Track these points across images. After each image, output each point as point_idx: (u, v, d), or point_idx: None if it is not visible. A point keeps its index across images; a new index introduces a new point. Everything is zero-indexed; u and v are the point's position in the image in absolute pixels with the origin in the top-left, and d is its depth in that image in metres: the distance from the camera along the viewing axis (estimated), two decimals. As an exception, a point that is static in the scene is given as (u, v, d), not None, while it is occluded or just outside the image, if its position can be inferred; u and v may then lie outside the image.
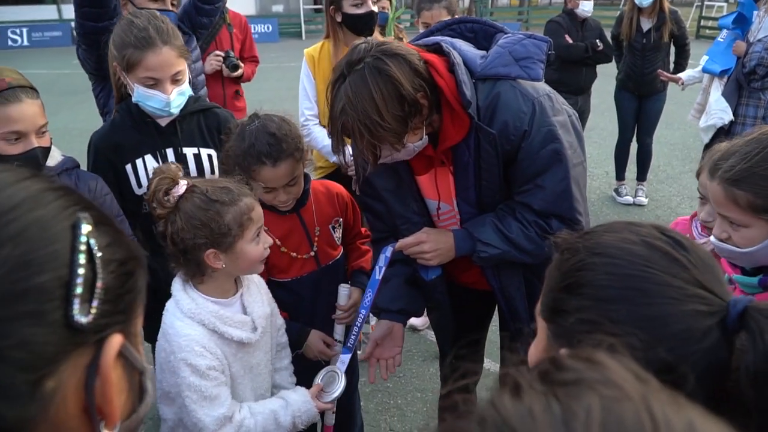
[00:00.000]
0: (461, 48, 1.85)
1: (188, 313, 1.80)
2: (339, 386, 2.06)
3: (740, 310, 0.81)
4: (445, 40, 1.86)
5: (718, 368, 0.82)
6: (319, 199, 2.30)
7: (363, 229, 2.51)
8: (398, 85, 1.64)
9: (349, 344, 2.15)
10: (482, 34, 1.97)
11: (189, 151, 2.37)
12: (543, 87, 1.86)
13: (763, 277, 1.52)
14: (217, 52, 4.36)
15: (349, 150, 3.14)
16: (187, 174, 2.10)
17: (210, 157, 2.42)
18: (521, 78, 1.80)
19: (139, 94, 2.19)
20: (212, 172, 2.42)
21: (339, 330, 2.32)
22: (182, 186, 1.79)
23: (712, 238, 1.55)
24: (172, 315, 1.83)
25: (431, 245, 1.97)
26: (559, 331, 0.91)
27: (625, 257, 0.86)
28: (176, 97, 2.22)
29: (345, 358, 2.12)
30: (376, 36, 3.36)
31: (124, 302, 0.64)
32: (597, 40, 5.67)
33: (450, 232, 2.01)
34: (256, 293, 1.99)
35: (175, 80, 2.21)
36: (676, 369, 0.78)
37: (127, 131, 2.31)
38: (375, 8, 3.19)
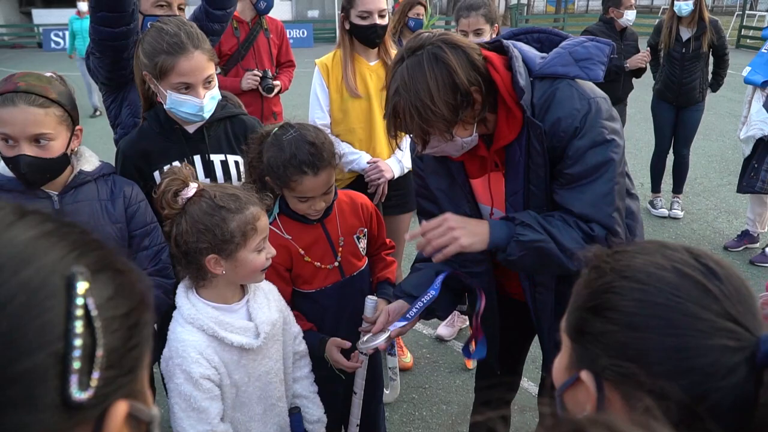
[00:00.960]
0: (522, 48, 1.87)
1: (188, 319, 1.80)
2: (379, 340, 2.00)
3: None
4: (508, 42, 1.88)
5: (746, 403, 0.78)
6: (343, 209, 2.28)
7: (388, 240, 2.48)
8: (453, 74, 1.67)
9: (408, 315, 2.00)
10: (548, 43, 1.98)
11: (216, 158, 2.37)
12: (601, 92, 1.85)
13: None
14: (255, 72, 4.40)
15: (362, 161, 3.14)
16: (196, 177, 2.10)
17: (237, 163, 2.41)
18: (580, 78, 1.80)
19: (172, 100, 2.18)
20: (239, 178, 2.41)
21: (359, 383, 2.27)
22: (192, 189, 1.79)
23: None
24: (175, 321, 1.84)
25: (456, 221, 1.82)
26: (582, 352, 0.90)
27: (655, 284, 0.84)
28: (209, 101, 2.23)
29: (397, 324, 2.01)
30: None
31: (130, 360, 0.59)
32: (626, 63, 5.54)
33: (484, 221, 1.89)
34: (263, 299, 1.97)
35: (207, 84, 2.22)
36: (700, 403, 0.77)
37: (155, 138, 2.31)
38: (381, 21, 3.17)
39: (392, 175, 3.22)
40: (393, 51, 3.33)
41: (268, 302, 1.98)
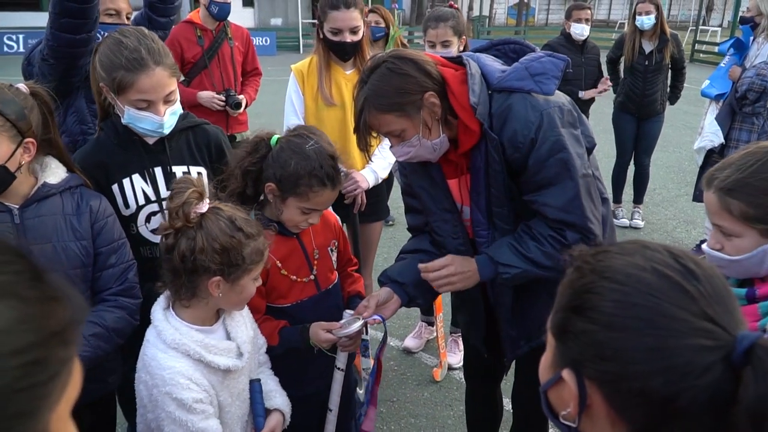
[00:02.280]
0: (484, 62, 2.00)
1: (172, 344, 1.72)
2: (355, 326, 2.07)
3: (746, 347, 0.79)
4: (471, 55, 2.03)
5: (723, 402, 0.79)
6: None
7: (352, 257, 2.50)
8: (409, 77, 1.87)
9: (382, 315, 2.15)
10: (522, 54, 2.08)
11: (178, 170, 2.27)
12: (556, 101, 1.95)
13: (749, 289, 1.57)
14: (216, 97, 4.40)
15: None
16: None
17: (200, 175, 2.32)
18: (534, 92, 1.91)
19: (131, 116, 2.09)
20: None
21: (342, 357, 2.25)
22: (206, 203, 1.73)
23: (704, 246, 1.62)
24: (154, 347, 1.75)
25: (456, 268, 2.06)
26: (565, 350, 0.91)
27: (633, 285, 0.85)
28: (169, 118, 2.13)
29: (375, 316, 2.13)
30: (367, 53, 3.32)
31: (20, 402, 0.51)
32: (581, 94, 5.70)
33: (472, 259, 2.09)
34: (239, 316, 1.93)
35: (168, 100, 2.11)
36: (675, 401, 0.79)
37: (113, 150, 2.20)
38: (353, 38, 3.13)
39: (367, 185, 3.19)
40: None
41: (243, 319, 1.95)
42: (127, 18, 3.13)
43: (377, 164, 3.21)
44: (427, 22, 3.55)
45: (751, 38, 4.73)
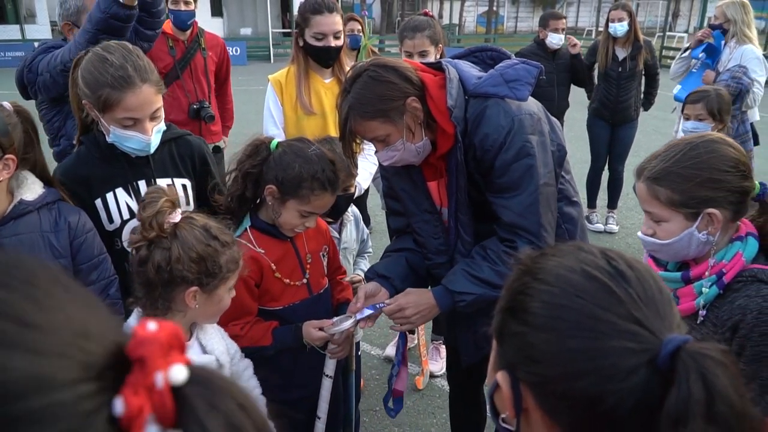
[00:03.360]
0: (462, 68, 2.06)
1: None
2: (347, 324, 2.12)
3: (671, 350, 0.78)
4: (450, 61, 2.10)
5: (651, 406, 0.78)
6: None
7: (340, 264, 2.54)
8: (391, 85, 1.93)
9: (377, 306, 2.18)
10: (499, 61, 2.15)
11: (162, 182, 2.23)
12: (528, 107, 2.01)
13: (684, 272, 1.70)
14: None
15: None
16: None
17: (185, 187, 2.30)
18: (508, 97, 1.97)
19: (117, 135, 2.04)
20: (188, 203, 2.30)
21: (330, 364, 2.25)
22: (178, 213, 1.71)
23: (639, 233, 1.73)
24: None
25: (412, 310, 2.12)
26: (502, 352, 0.92)
27: (560, 286, 0.86)
28: (155, 136, 2.09)
29: (365, 312, 2.16)
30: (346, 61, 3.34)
31: None
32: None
33: (429, 292, 2.16)
34: (210, 329, 1.91)
35: (154, 117, 2.07)
36: (599, 404, 0.79)
37: (95, 164, 2.16)
38: (336, 43, 3.15)
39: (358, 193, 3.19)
40: (347, 68, 3.31)
41: (215, 331, 1.92)
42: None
43: (360, 175, 3.21)
44: (403, 32, 3.55)
45: (723, 42, 4.82)
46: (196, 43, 4.52)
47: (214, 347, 1.86)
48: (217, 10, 30.17)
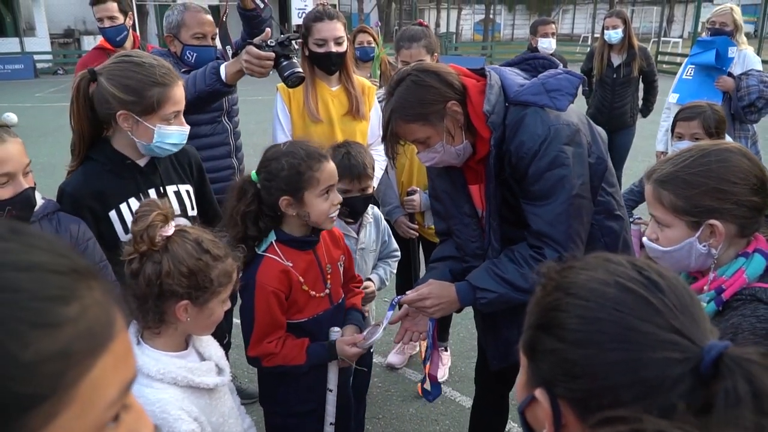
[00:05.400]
0: (506, 75, 2.11)
1: (156, 376, 1.67)
2: (377, 334, 2.19)
3: (714, 357, 0.79)
4: (494, 68, 2.16)
5: (695, 414, 0.78)
6: (325, 237, 2.33)
7: (357, 275, 2.57)
8: (432, 89, 2.00)
9: (393, 302, 2.29)
10: (549, 68, 2.18)
11: (170, 189, 2.31)
12: (567, 118, 2.03)
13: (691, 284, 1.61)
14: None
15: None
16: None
17: (188, 192, 2.37)
18: (548, 107, 2.00)
19: (161, 134, 2.13)
20: (192, 208, 2.38)
21: (332, 378, 2.26)
22: (172, 226, 1.70)
23: (644, 238, 1.69)
24: (136, 383, 1.67)
25: (433, 300, 2.15)
26: (536, 369, 0.91)
27: (597, 300, 0.85)
28: None
29: (388, 314, 2.25)
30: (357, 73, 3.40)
31: None
32: None
33: (453, 285, 2.17)
34: (207, 337, 1.91)
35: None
36: (648, 413, 0.78)
37: (106, 176, 2.20)
38: (338, 49, 3.21)
39: None
40: (355, 76, 3.37)
41: (210, 338, 1.92)
42: (212, 38, 3.29)
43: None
44: (399, 42, 3.60)
45: (735, 48, 4.68)
46: None
47: (212, 353, 1.86)
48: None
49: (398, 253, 3.12)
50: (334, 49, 3.19)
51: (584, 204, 2.05)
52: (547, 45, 5.74)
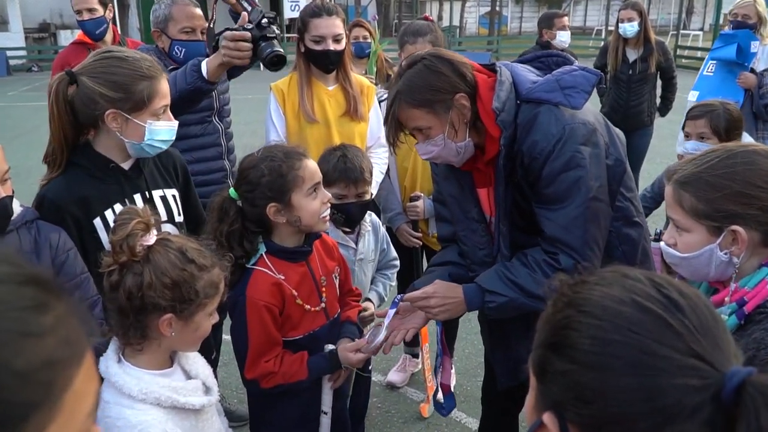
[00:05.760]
0: (518, 72, 2.12)
1: (139, 396, 1.66)
2: (381, 336, 2.18)
3: (736, 384, 0.78)
4: (506, 64, 2.17)
5: None
6: (318, 248, 2.32)
7: (354, 288, 2.57)
8: (443, 76, 2.02)
9: (396, 300, 2.26)
10: (564, 65, 2.18)
11: (156, 194, 2.33)
12: (583, 117, 2.03)
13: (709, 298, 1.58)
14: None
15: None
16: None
17: (174, 197, 2.39)
18: (562, 105, 2.01)
19: (152, 130, 2.16)
20: (179, 214, 2.39)
21: (327, 400, 2.27)
22: (153, 235, 1.70)
23: (661, 243, 1.68)
24: (117, 405, 1.66)
25: (438, 300, 2.15)
26: (545, 392, 0.90)
27: (612, 319, 0.84)
28: None
29: (390, 313, 2.22)
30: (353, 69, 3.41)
31: None
32: None
33: (460, 287, 2.17)
34: (193, 354, 1.91)
35: None
36: None
37: (89, 182, 2.21)
38: (336, 47, 3.23)
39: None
40: (353, 74, 3.39)
41: (197, 355, 1.92)
42: (201, 33, 3.29)
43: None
44: (404, 37, 3.60)
45: (758, 42, 4.71)
46: None
47: (199, 371, 1.86)
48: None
49: (397, 263, 3.13)
50: (332, 47, 3.21)
51: (602, 208, 2.05)
52: (565, 38, 5.76)
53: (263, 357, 2.14)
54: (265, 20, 2.64)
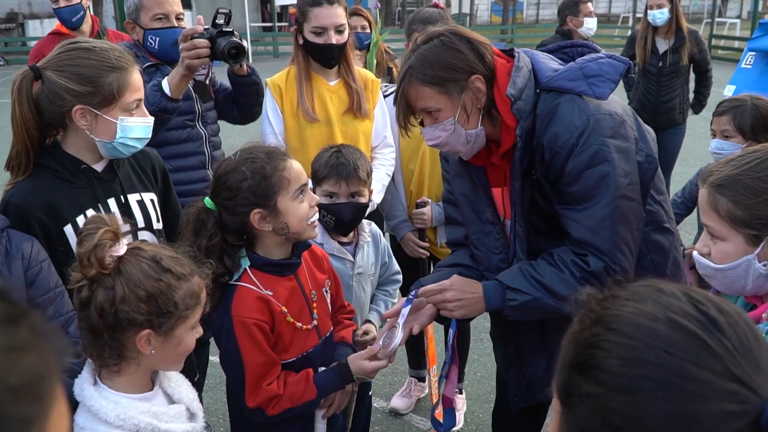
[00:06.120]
0: (538, 59, 2.13)
1: (116, 422, 1.65)
2: (398, 337, 2.17)
3: None
4: (526, 51, 2.17)
5: None
6: (307, 260, 2.31)
7: (346, 303, 2.54)
8: (460, 54, 2.02)
9: (410, 296, 2.25)
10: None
11: (132, 198, 2.32)
12: (609, 107, 2.03)
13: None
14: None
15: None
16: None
17: (153, 202, 2.38)
18: (585, 94, 2.00)
19: (124, 127, 2.16)
20: (158, 220, 2.39)
21: (321, 428, 2.25)
22: (123, 245, 1.69)
23: (695, 252, 1.69)
24: (92, 431, 1.66)
25: (455, 294, 2.17)
26: (570, 416, 0.90)
27: (644, 339, 0.84)
28: None
29: (404, 311, 2.21)
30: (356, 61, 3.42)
31: None
32: None
33: (479, 283, 2.19)
34: (175, 375, 1.91)
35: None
36: None
37: (58, 186, 2.20)
38: (339, 39, 3.22)
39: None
40: (357, 68, 3.38)
41: (180, 377, 1.92)
42: (177, 19, 3.29)
43: (375, 187, 3.22)
44: (412, 25, 3.62)
45: None
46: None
47: (182, 395, 1.85)
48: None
49: (400, 277, 3.10)
50: (334, 39, 3.19)
51: (633, 207, 2.03)
52: (592, 26, 5.75)
53: (264, 380, 2.12)
54: (219, 18, 2.74)
